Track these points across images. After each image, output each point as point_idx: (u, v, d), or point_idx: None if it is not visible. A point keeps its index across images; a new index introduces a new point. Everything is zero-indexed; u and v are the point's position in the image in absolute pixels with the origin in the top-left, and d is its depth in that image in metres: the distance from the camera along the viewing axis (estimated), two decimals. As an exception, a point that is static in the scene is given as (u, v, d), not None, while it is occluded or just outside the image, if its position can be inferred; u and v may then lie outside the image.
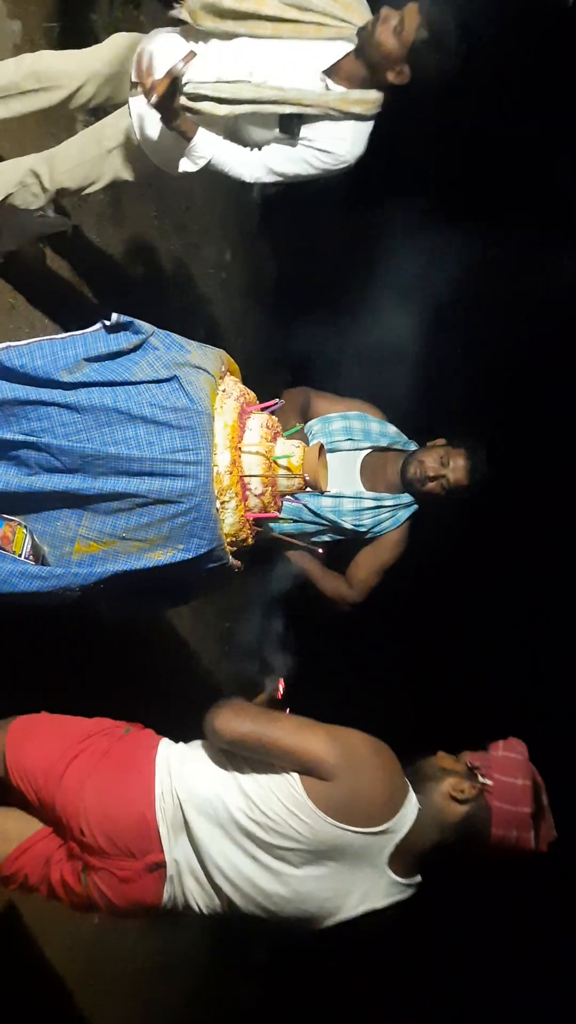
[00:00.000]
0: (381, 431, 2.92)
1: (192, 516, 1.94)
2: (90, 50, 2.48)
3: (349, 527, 2.87)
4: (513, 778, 1.80)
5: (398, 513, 2.89)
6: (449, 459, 2.81)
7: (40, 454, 1.90)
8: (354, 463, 2.88)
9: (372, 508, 2.85)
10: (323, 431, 2.87)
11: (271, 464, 2.06)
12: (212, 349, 2.13)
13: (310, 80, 2.33)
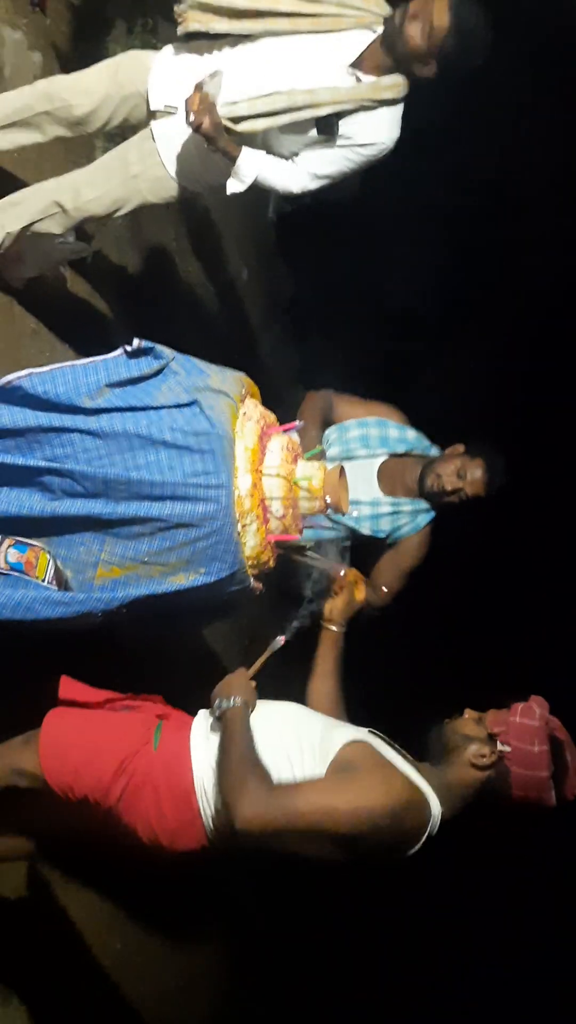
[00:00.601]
0: (400, 437, 2.91)
1: (213, 540, 1.95)
2: (101, 69, 2.46)
3: (368, 533, 2.87)
4: (530, 745, 1.83)
5: (418, 518, 2.88)
6: (466, 471, 2.79)
7: (63, 479, 1.92)
8: (371, 469, 2.88)
9: (390, 513, 2.85)
10: (340, 439, 2.88)
11: (292, 486, 2.07)
12: (232, 372, 2.15)
13: (337, 75, 2.30)
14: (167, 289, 3.90)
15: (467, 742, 1.84)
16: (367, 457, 2.87)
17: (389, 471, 2.88)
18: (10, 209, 2.52)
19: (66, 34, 3.17)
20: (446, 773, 1.84)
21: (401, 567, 2.88)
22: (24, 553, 1.96)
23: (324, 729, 1.90)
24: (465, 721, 1.89)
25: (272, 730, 1.86)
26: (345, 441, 2.87)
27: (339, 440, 2.87)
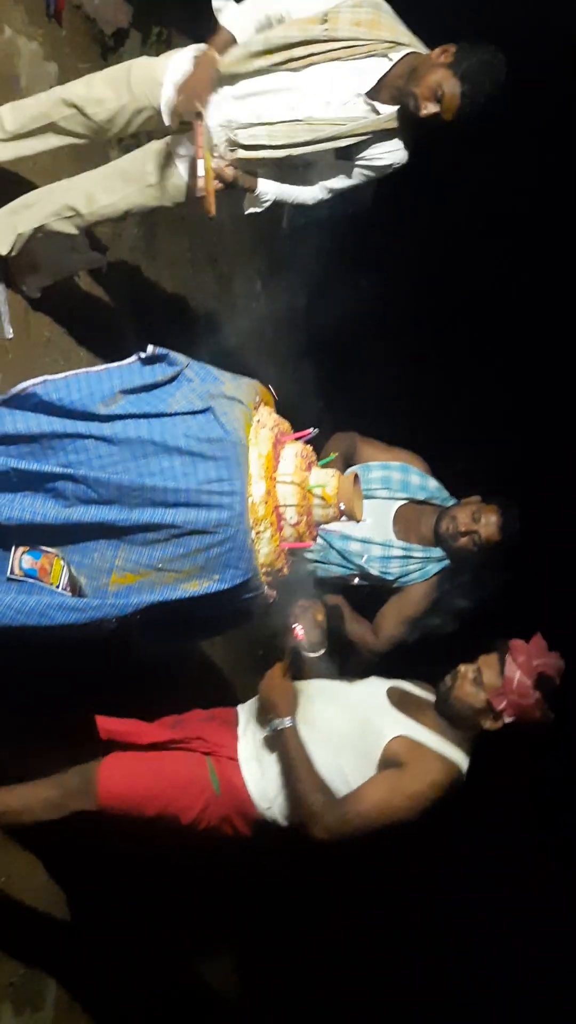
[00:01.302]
0: (421, 484, 2.94)
1: (227, 546, 1.95)
2: (114, 77, 2.44)
3: (376, 574, 2.89)
4: (525, 699, 2.15)
5: (427, 567, 2.90)
6: (481, 515, 2.82)
7: (77, 486, 1.92)
8: (388, 512, 2.90)
9: (401, 558, 2.87)
10: (361, 478, 2.87)
11: (306, 493, 2.06)
12: (246, 379, 2.15)
13: (354, 103, 2.31)
14: (180, 299, 3.91)
15: (475, 715, 2.18)
16: (386, 499, 2.89)
17: (405, 516, 2.90)
18: (23, 211, 2.53)
19: (82, 45, 3.19)
20: (460, 732, 2.20)
21: (404, 614, 2.90)
22: (38, 560, 1.95)
23: (363, 724, 2.18)
24: (465, 689, 2.18)
25: (318, 736, 2.16)
26: (367, 481, 2.89)
27: (360, 479, 2.87)
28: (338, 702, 2.27)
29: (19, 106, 2.49)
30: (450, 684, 2.22)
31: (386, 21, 2.29)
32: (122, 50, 3.43)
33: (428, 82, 2.21)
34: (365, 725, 2.19)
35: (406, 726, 2.18)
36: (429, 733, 2.18)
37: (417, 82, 2.23)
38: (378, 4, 2.30)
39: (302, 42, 2.25)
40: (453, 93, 2.19)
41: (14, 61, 2.82)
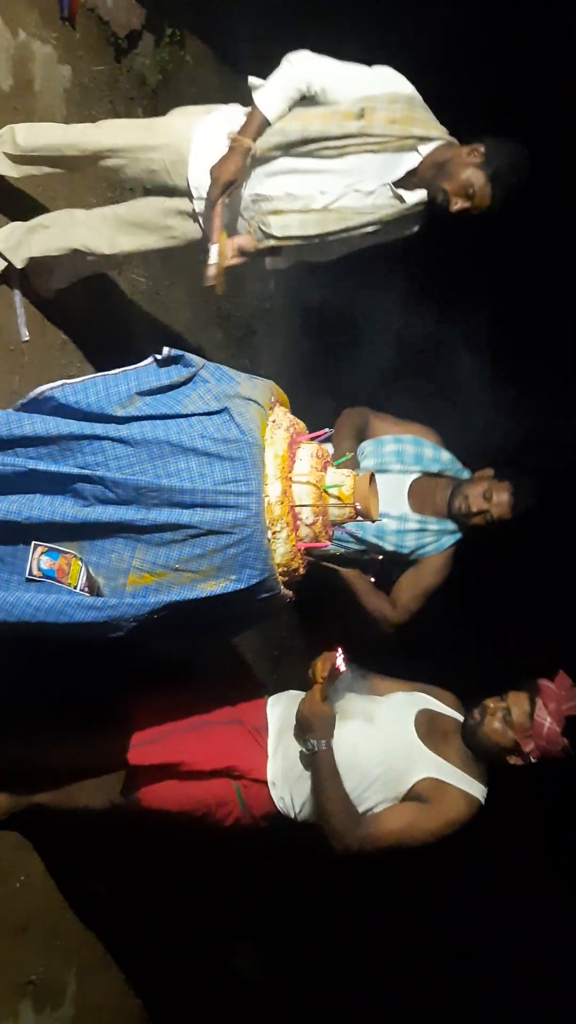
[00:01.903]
0: (434, 457, 2.92)
1: (244, 547, 1.95)
2: (137, 132, 2.45)
3: (391, 548, 2.87)
4: (553, 745, 2.23)
5: (443, 539, 2.88)
6: (493, 493, 2.80)
7: (95, 486, 1.93)
8: (402, 486, 2.89)
9: (416, 531, 2.86)
10: (375, 452, 2.88)
11: (322, 494, 2.06)
12: (261, 380, 2.15)
13: (381, 192, 2.39)
14: (194, 300, 3.91)
15: (501, 752, 2.25)
16: (400, 472, 2.88)
17: (420, 489, 2.89)
18: (41, 231, 2.54)
19: (95, 47, 3.21)
20: (484, 764, 2.28)
21: (421, 586, 2.89)
22: (56, 560, 1.96)
23: (391, 758, 2.26)
24: (494, 727, 2.24)
25: (345, 762, 2.23)
26: (380, 455, 2.87)
27: (374, 453, 2.88)
28: (367, 730, 2.30)
29: (36, 131, 2.50)
30: (479, 719, 2.27)
31: (419, 116, 2.35)
32: (135, 52, 3.44)
33: (460, 180, 2.32)
34: (393, 760, 2.26)
35: (433, 765, 2.25)
36: (453, 770, 2.25)
37: (448, 179, 2.34)
38: (412, 99, 2.34)
39: (338, 136, 2.31)
40: (484, 193, 2.33)
41: (28, 64, 2.83)
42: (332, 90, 2.30)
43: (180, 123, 2.43)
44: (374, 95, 2.29)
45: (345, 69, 2.33)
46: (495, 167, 2.31)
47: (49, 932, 2.69)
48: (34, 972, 2.62)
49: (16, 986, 2.57)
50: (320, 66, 2.31)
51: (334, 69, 2.32)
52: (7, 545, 1.96)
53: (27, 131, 2.50)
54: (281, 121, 2.31)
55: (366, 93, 2.28)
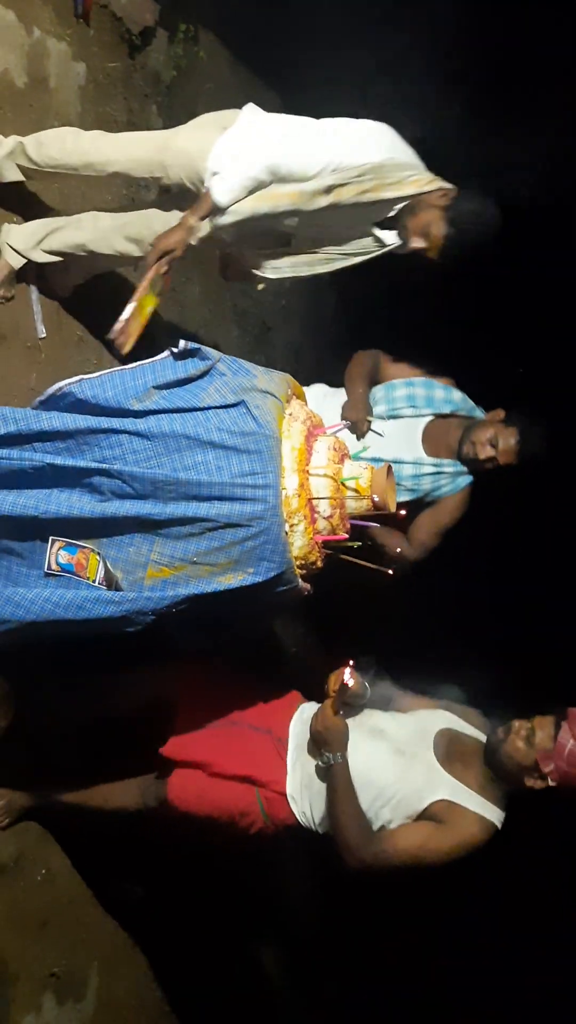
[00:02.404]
0: (446, 398, 2.90)
1: (262, 540, 1.95)
2: (157, 152, 2.43)
3: (407, 495, 2.87)
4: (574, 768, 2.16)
5: (458, 479, 2.88)
6: (499, 439, 2.78)
7: (112, 480, 1.94)
8: (415, 430, 2.88)
9: (431, 473, 2.86)
10: (386, 397, 2.88)
11: (339, 486, 2.06)
12: (278, 373, 2.15)
13: (363, 238, 2.48)
14: (209, 296, 3.92)
15: (521, 772, 2.19)
16: (412, 416, 2.87)
17: (433, 432, 2.88)
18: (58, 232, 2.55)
19: (109, 44, 3.21)
20: (502, 786, 2.23)
21: (438, 524, 2.89)
22: (74, 555, 1.97)
23: (408, 777, 2.24)
24: (516, 745, 2.19)
25: (362, 777, 2.23)
26: (391, 400, 2.87)
27: (385, 399, 2.88)
28: (385, 748, 2.29)
29: (46, 146, 2.48)
30: (502, 737, 2.23)
31: (391, 179, 2.35)
32: (149, 48, 3.45)
33: (420, 221, 2.38)
34: (409, 780, 2.24)
35: (450, 787, 2.23)
36: (470, 793, 2.22)
37: (411, 216, 2.39)
38: (380, 166, 2.32)
39: (310, 211, 2.36)
40: (439, 234, 2.37)
41: (43, 62, 2.84)
42: (299, 171, 2.31)
43: (195, 145, 2.39)
44: (342, 166, 2.29)
45: (310, 142, 2.31)
46: (454, 214, 2.36)
47: (71, 926, 2.70)
48: (56, 965, 2.64)
49: (39, 979, 2.58)
50: (282, 147, 2.29)
51: (297, 146, 2.30)
52: (25, 541, 1.97)
53: (37, 147, 2.49)
54: (252, 201, 2.32)
55: (334, 166, 2.29)
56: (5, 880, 2.43)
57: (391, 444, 2.80)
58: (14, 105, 2.70)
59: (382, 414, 2.85)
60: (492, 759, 2.24)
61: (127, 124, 3.26)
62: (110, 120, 3.18)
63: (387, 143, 2.34)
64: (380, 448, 2.80)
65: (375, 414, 2.84)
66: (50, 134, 2.52)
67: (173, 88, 3.59)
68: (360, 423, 2.79)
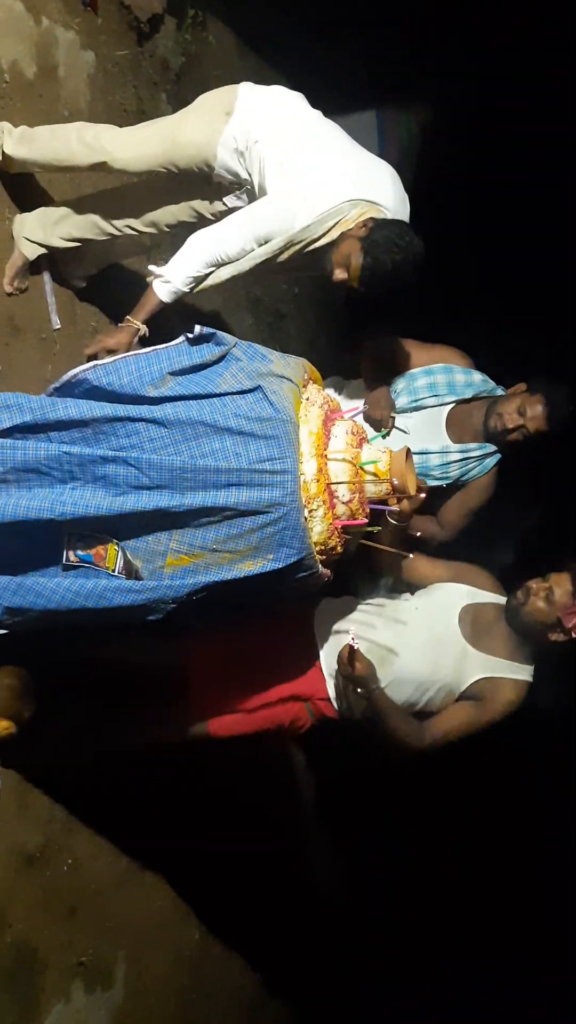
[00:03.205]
0: (467, 381, 2.88)
1: (281, 525, 1.94)
2: (163, 148, 2.45)
3: (436, 483, 2.86)
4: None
5: (486, 460, 2.87)
6: (526, 407, 2.76)
7: (128, 471, 1.92)
8: (439, 418, 2.86)
9: (459, 460, 2.84)
10: (407, 388, 2.86)
11: (358, 470, 2.04)
12: (294, 358, 2.14)
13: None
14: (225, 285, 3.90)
15: (544, 630, 2.37)
16: (436, 406, 2.85)
17: (457, 418, 2.86)
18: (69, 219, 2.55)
19: (117, 32, 3.19)
20: (528, 644, 2.42)
21: (468, 506, 2.88)
22: (93, 546, 1.97)
23: (443, 667, 2.41)
24: (537, 606, 2.36)
25: (402, 685, 2.39)
26: (413, 391, 2.85)
27: (407, 390, 2.86)
28: (416, 642, 2.43)
29: (39, 141, 2.49)
30: (522, 600, 2.40)
31: (329, 224, 2.35)
32: (157, 36, 3.43)
33: (340, 251, 2.36)
34: (446, 670, 2.41)
35: (484, 665, 2.42)
36: (502, 663, 2.42)
37: (333, 250, 2.38)
38: (308, 227, 2.33)
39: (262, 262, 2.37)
40: (356, 264, 2.34)
41: (52, 51, 2.83)
42: (234, 255, 2.35)
43: (201, 136, 2.40)
44: (284, 235, 2.32)
45: (245, 231, 2.34)
46: (370, 243, 2.31)
47: (98, 914, 2.71)
48: (84, 954, 2.65)
49: (67, 968, 2.59)
50: (222, 243, 2.34)
51: (235, 238, 2.34)
52: (42, 537, 1.96)
53: (17, 141, 2.49)
54: (210, 279, 2.39)
55: (274, 240, 2.32)
56: (32, 870, 2.45)
57: (417, 436, 2.77)
58: (24, 95, 2.69)
59: (405, 406, 2.82)
60: (514, 622, 2.41)
61: (136, 112, 3.25)
62: (119, 108, 3.17)
63: (331, 189, 2.34)
64: (406, 442, 2.77)
65: (397, 408, 2.82)
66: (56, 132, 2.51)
67: (182, 75, 3.57)
68: (385, 421, 2.77)
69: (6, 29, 2.62)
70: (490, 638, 2.44)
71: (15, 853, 2.39)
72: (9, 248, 2.58)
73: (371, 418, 2.75)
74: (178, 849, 2.94)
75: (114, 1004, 2.80)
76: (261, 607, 2.34)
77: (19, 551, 1.96)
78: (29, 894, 2.43)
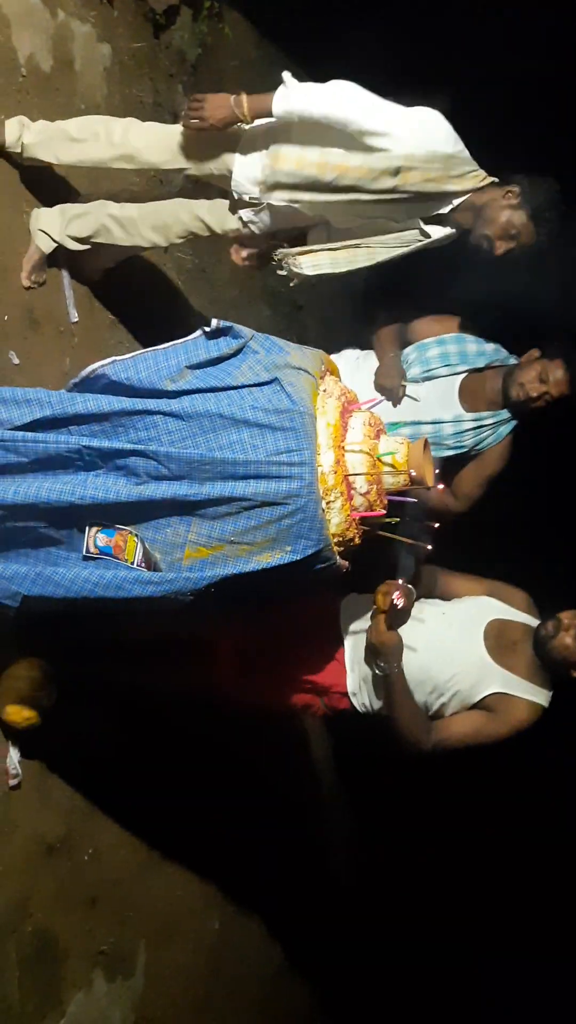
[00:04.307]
0: (478, 351, 2.88)
1: (298, 517, 1.94)
2: (181, 147, 2.45)
3: (451, 452, 2.85)
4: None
5: (499, 429, 2.86)
6: (548, 373, 2.75)
7: (148, 462, 1.93)
8: (452, 387, 2.86)
9: (472, 428, 2.83)
10: (419, 359, 2.86)
11: (375, 462, 2.04)
12: (311, 350, 2.14)
13: (409, 232, 2.44)
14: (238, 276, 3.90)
15: (569, 667, 2.36)
16: (448, 375, 2.85)
17: (470, 387, 2.86)
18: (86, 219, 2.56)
19: (134, 24, 3.19)
20: (551, 677, 2.41)
21: (483, 475, 2.88)
22: (112, 537, 1.98)
23: (459, 673, 2.38)
24: (565, 642, 2.34)
25: (421, 677, 2.38)
26: (425, 360, 2.85)
27: (418, 360, 2.86)
28: (439, 646, 2.42)
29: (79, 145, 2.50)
30: (552, 633, 2.37)
31: (455, 172, 2.33)
32: (173, 27, 3.42)
33: (501, 224, 2.37)
34: (463, 677, 2.39)
35: (502, 680, 2.39)
36: (520, 682, 2.39)
37: (489, 224, 2.38)
38: (450, 157, 2.30)
39: (371, 191, 2.29)
40: (528, 231, 2.38)
41: (68, 44, 2.83)
42: (370, 139, 2.25)
43: (224, 138, 2.40)
44: (412, 154, 2.25)
45: (387, 119, 2.26)
46: (534, 205, 2.36)
47: (119, 903, 2.74)
48: (105, 943, 2.68)
49: (88, 956, 2.62)
50: (363, 109, 2.24)
51: (376, 117, 2.25)
52: (63, 527, 1.97)
53: (35, 137, 2.50)
54: (317, 165, 2.29)
55: (404, 151, 2.24)
56: (53, 859, 2.47)
57: (429, 406, 2.78)
58: (40, 89, 2.70)
59: (416, 376, 2.82)
60: (540, 651, 2.39)
61: (153, 104, 3.25)
62: (136, 101, 3.17)
63: (453, 137, 2.31)
64: (418, 411, 2.78)
65: (409, 377, 2.82)
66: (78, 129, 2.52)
67: (199, 66, 3.57)
68: (395, 389, 2.77)
69: (23, 23, 2.63)
70: (514, 656, 2.42)
71: (37, 843, 2.41)
72: (28, 242, 2.59)
73: (381, 387, 2.75)
74: (198, 839, 2.95)
75: (135, 992, 2.83)
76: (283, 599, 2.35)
77: (41, 537, 1.98)
78: (50, 884, 2.46)
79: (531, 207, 2.37)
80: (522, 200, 2.37)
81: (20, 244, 2.58)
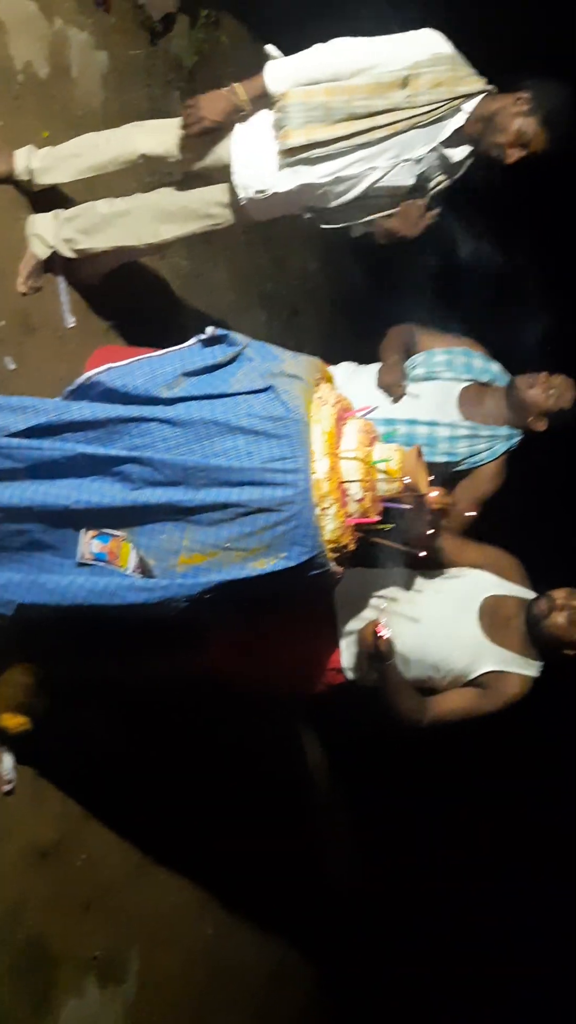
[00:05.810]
0: (484, 367, 2.89)
1: (293, 524, 1.95)
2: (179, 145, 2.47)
3: (443, 459, 2.83)
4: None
5: (495, 445, 2.84)
6: (551, 385, 2.76)
7: (143, 468, 1.94)
8: (452, 393, 2.85)
9: (468, 437, 2.82)
10: (425, 362, 2.86)
11: (370, 469, 2.05)
12: (306, 357, 2.15)
13: (427, 159, 2.42)
14: (236, 280, 3.91)
15: (560, 646, 2.40)
16: (450, 380, 2.85)
17: (470, 397, 2.85)
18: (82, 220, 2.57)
19: (130, 31, 3.20)
20: (542, 651, 2.44)
21: (477, 494, 2.85)
22: (107, 543, 1.98)
23: (459, 660, 2.43)
24: (557, 622, 2.37)
25: (417, 657, 2.42)
26: (431, 364, 2.85)
27: (424, 363, 2.87)
28: (434, 629, 2.45)
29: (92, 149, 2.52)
30: (544, 611, 2.40)
31: (463, 73, 2.33)
32: (170, 34, 3.44)
33: (512, 131, 2.33)
34: (458, 657, 2.43)
35: (497, 658, 2.44)
36: (514, 657, 2.44)
37: (500, 132, 2.34)
38: (454, 58, 2.31)
39: (385, 110, 2.28)
40: (539, 138, 2.33)
41: (65, 51, 2.84)
42: (371, 67, 2.26)
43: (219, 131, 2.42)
44: (417, 60, 2.26)
45: (381, 45, 2.29)
46: (546, 110, 2.31)
47: (112, 909, 2.73)
48: (97, 949, 2.67)
49: (81, 962, 2.62)
50: (353, 51, 2.28)
51: (369, 49, 2.29)
52: (57, 531, 1.98)
53: (41, 163, 2.51)
54: (324, 91, 2.29)
55: (409, 61, 2.25)
56: (46, 865, 2.47)
57: (427, 406, 2.77)
58: (37, 96, 2.71)
59: (419, 376, 2.83)
60: (532, 629, 2.43)
61: (150, 111, 3.26)
62: (133, 108, 3.18)
63: (451, 44, 2.33)
64: (416, 409, 2.77)
65: (412, 377, 2.82)
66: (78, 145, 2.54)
67: (196, 73, 3.58)
68: (395, 387, 2.77)
69: (19, 29, 2.64)
70: (507, 631, 2.46)
71: (29, 848, 2.41)
72: (24, 248, 2.60)
73: (382, 383, 2.75)
74: (191, 845, 2.95)
75: (128, 999, 2.83)
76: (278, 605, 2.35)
77: (35, 543, 1.98)
78: (43, 889, 2.45)
79: (543, 113, 2.32)
80: (533, 106, 2.33)
81: (16, 250, 2.59)
